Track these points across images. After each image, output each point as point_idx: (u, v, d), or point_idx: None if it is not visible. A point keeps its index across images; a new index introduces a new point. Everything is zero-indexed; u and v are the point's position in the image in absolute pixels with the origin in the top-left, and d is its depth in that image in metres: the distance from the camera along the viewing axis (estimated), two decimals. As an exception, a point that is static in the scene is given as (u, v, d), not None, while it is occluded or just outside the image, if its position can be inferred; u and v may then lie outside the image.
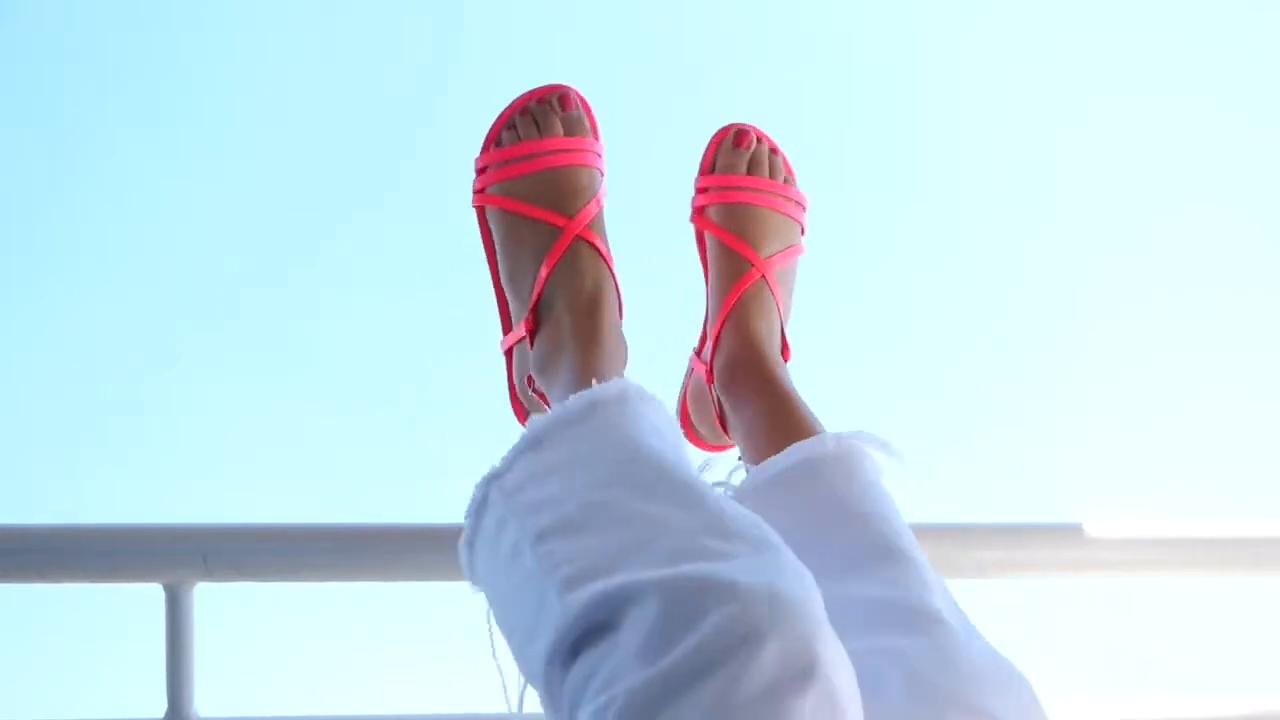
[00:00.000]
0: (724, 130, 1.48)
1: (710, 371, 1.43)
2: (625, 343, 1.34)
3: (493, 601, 1.09)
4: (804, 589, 0.93)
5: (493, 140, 1.39)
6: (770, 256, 1.43)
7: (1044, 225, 2.96)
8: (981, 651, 1.06)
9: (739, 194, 1.44)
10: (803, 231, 1.49)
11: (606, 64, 2.87)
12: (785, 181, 1.48)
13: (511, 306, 1.37)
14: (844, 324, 2.80)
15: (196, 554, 1.28)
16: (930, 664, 1.04)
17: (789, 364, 1.44)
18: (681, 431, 1.16)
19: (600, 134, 1.42)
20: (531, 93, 1.39)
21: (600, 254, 1.34)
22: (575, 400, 1.10)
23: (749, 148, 1.46)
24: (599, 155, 1.40)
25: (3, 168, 2.87)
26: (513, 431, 1.37)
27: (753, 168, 1.46)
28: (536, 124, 1.38)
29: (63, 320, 2.84)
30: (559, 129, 1.37)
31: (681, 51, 2.97)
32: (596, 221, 1.36)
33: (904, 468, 1.26)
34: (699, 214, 1.47)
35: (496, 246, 1.38)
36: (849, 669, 0.92)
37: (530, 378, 1.33)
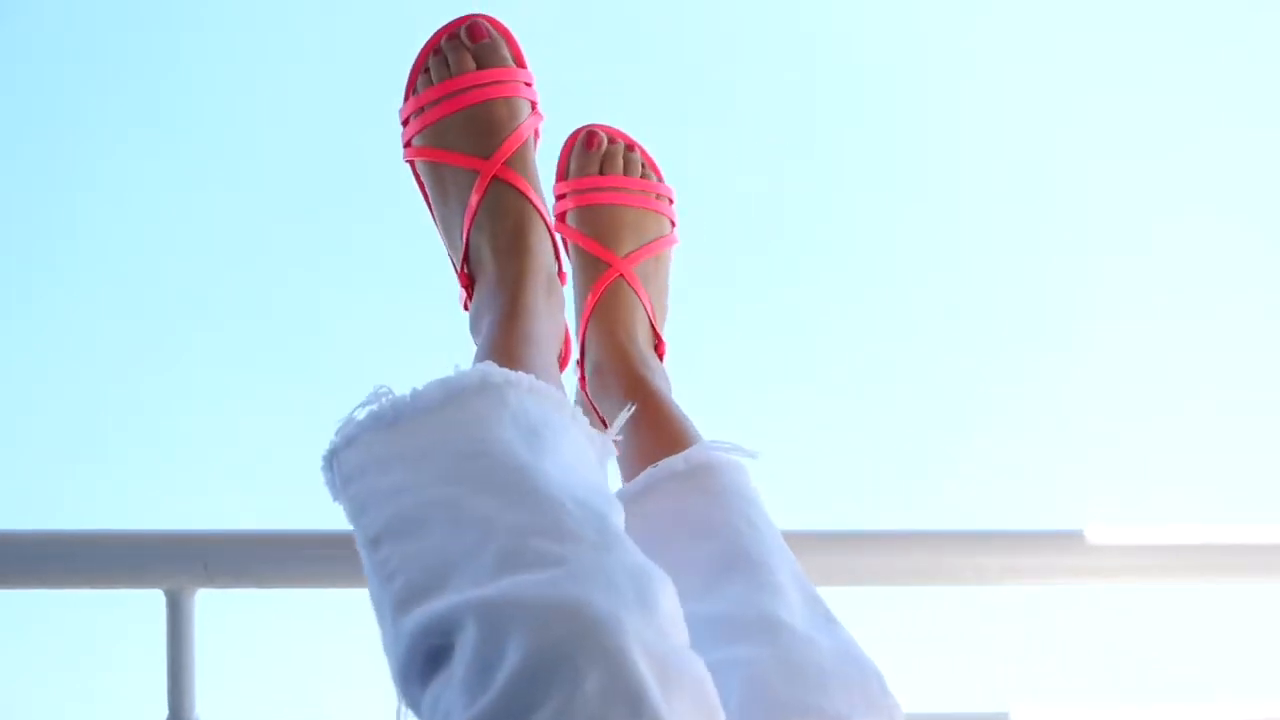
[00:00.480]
0: (574, 134, 1.44)
1: (583, 378, 1.39)
2: (560, 291, 1.28)
3: None
4: (628, 602, 0.85)
5: (411, 89, 1.31)
6: (630, 254, 1.40)
7: (1044, 225, 2.96)
8: (828, 651, 1.02)
9: (594, 195, 1.41)
10: (673, 224, 1.46)
11: (607, 64, 2.87)
12: (644, 176, 1.44)
13: (452, 261, 1.29)
14: (843, 324, 2.80)
15: (197, 560, 1.27)
16: (773, 672, 1.00)
17: (664, 360, 1.39)
18: (574, 411, 1.06)
19: (526, 60, 1.31)
20: (440, 31, 1.30)
21: (521, 192, 1.24)
22: (432, 388, 1.00)
23: (599, 149, 1.43)
24: (524, 84, 1.29)
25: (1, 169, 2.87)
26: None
27: (606, 167, 1.42)
28: (448, 63, 1.29)
29: (63, 324, 2.84)
30: (470, 64, 1.27)
31: (681, 52, 2.97)
32: (517, 157, 1.26)
33: (758, 464, 1.20)
34: (560, 221, 1.42)
35: (430, 201, 1.30)
36: (697, 690, 0.85)
37: None
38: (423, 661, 0.86)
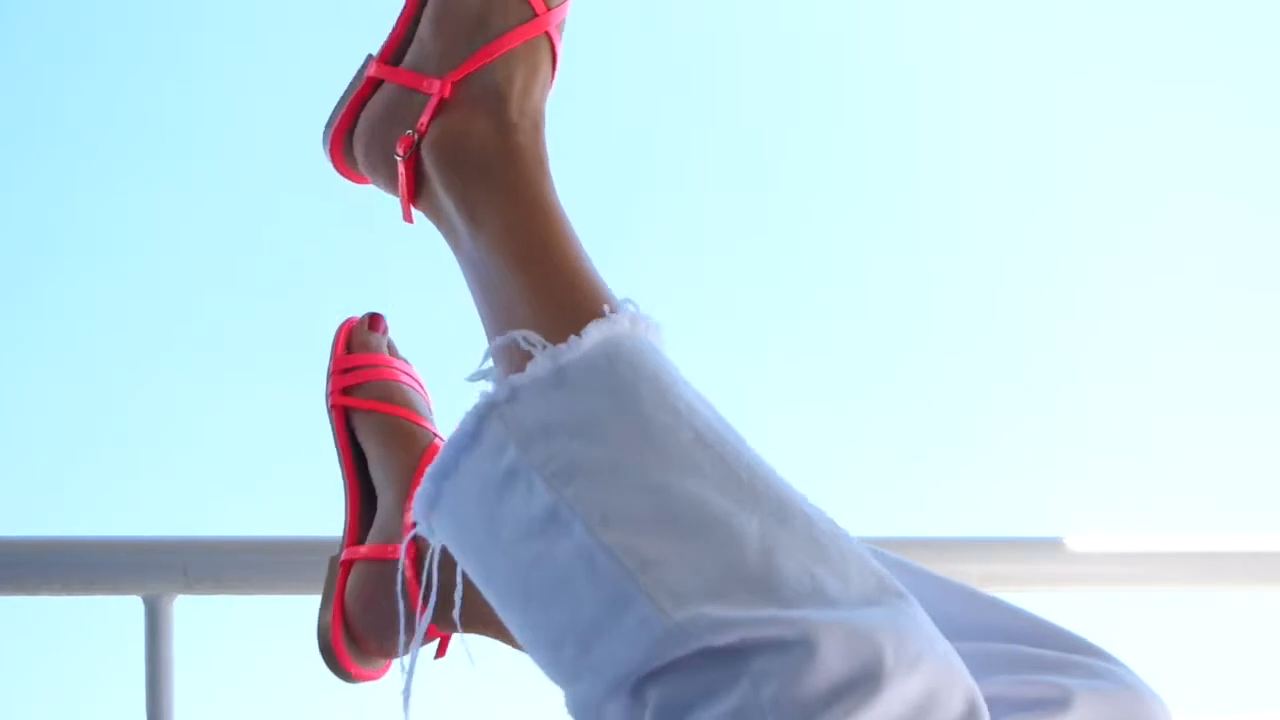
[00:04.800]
0: (352, 319, 1.41)
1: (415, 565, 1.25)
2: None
3: (484, 570, 0.91)
4: (945, 647, 0.87)
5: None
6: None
7: (1044, 225, 2.96)
8: None
9: (392, 373, 1.36)
10: None
11: (604, 64, 2.87)
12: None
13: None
14: (842, 326, 2.80)
15: (177, 566, 1.28)
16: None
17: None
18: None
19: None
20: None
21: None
22: (595, 337, 0.90)
23: (385, 332, 1.40)
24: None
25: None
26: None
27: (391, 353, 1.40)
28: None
29: (43, 331, 2.84)
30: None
31: (681, 51, 2.97)
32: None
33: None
34: (344, 394, 1.35)
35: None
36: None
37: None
38: (683, 659, 0.83)
